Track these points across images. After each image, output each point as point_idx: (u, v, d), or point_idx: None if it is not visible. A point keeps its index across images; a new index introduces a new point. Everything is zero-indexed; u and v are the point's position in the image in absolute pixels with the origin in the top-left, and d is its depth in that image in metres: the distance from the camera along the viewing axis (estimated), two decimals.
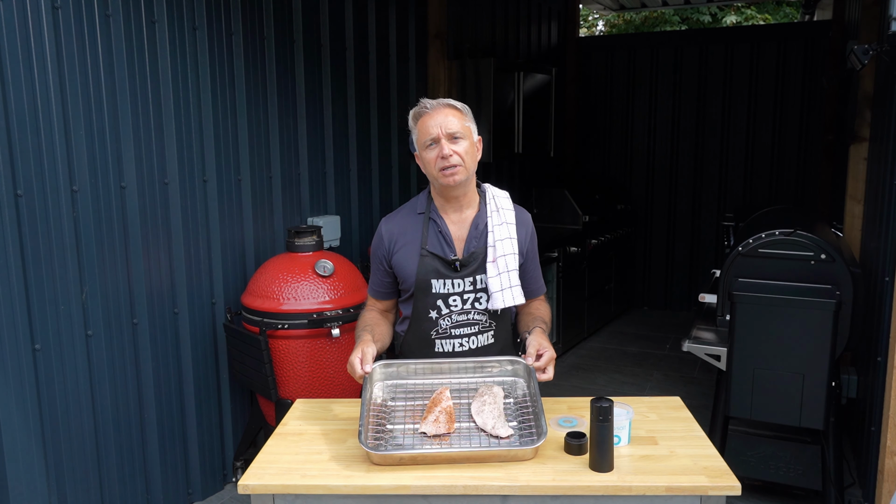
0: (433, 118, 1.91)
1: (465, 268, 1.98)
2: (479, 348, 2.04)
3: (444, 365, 1.94)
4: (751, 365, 2.83)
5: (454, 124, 1.90)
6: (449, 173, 1.91)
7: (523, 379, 1.90)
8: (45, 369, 2.54)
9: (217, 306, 3.21)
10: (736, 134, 6.17)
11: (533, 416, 1.74)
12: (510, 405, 1.81)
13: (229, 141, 3.20)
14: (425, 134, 1.92)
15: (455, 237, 2.00)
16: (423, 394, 1.88)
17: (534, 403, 1.75)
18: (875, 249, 3.14)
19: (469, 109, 1.98)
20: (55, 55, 2.49)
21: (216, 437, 3.26)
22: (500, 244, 1.96)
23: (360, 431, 1.66)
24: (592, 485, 1.54)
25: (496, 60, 4.59)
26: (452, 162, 1.89)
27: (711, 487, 1.53)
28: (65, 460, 2.63)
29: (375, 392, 1.89)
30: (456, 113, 1.93)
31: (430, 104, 1.93)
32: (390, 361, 1.93)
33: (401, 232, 2.03)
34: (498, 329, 2.07)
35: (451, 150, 1.89)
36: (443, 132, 1.89)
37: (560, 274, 5.01)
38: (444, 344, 2.03)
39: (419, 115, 1.94)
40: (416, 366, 1.94)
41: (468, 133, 1.94)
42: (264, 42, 3.35)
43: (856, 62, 2.84)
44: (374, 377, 1.90)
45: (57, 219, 2.54)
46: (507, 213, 2.01)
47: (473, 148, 1.96)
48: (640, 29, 11.69)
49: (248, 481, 1.63)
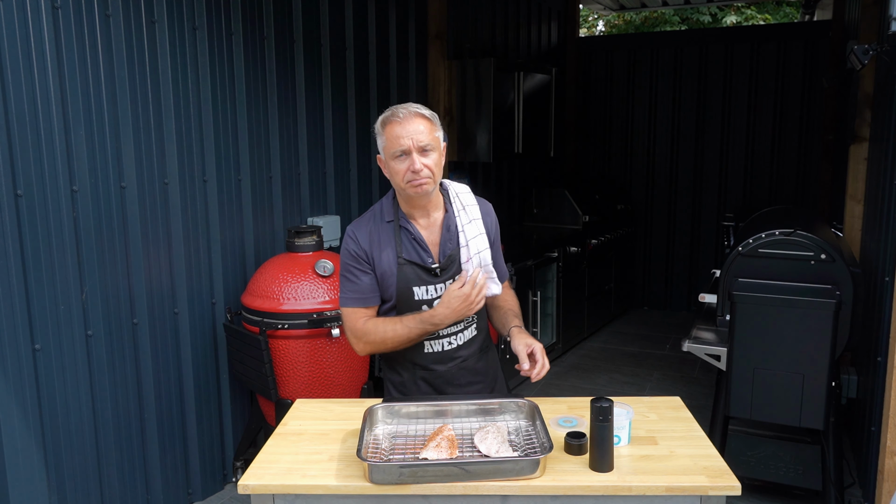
0: (404, 128, 1.86)
1: (445, 272, 1.98)
2: (465, 343, 2.04)
3: (448, 407, 1.84)
4: (751, 365, 2.83)
5: (425, 136, 1.87)
6: (418, 184, 1.89)
7: (527, 419, 1.80)
8: (45, 369, 2.54)
9: (217, 306, 3.21)
10: (736, 134, 6.17)
11: (538, 444, 1.66)
12: (514, 438, 1.74)
13: (229, 141, 3.20)
14: (395, 144, 1.87)
15: (429, 242, 1.99)
16: (425, 437, 1.77)
17: (538, 435, 1.68)
18: (875, 249, 3.14)
19: (437, 116, 1.95)
20: (55, 55, 2.49)
21: (216, 438, 3.26)
22: (473, 242, 1.97)
23: (360, 448, 1.61)
24: (592, 485, 1.54)
25: (496, 60, 4.58)
26: (423, 175, 1.87)
27: (711, 487, 1.53)
28: (64, 460, 2.63)
29: (377, 432, 1.80)
30: (426, 123, 1.89)
31: (402, 113, 1.88)
32: (392, 405, 1.83)
33: (375, 240, 1.99)
34: (479, 320, 2.09)
35: (422, 164, 1.86)
36: (414, 145, 1.86)
37: (560, 274, 5.01)
38: (434, 344, 2.02)
39: (388, 122, 1.89)
40: (417, 408, 1.84)
41: (437, 144, 1.91)
42: (264, 42, 3.35)
43: (855, 62, 2.84)
44: (375, 418, 1.82)
45: (57, 219, 2.53)
46: (472, 209, 2.02)
47: (441, 157, 1.94)
48: (640, 29, 11.68)
49: (248, 481, 1.63)
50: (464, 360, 2.05)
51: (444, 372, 2.03)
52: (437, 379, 2.04)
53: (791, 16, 11.38)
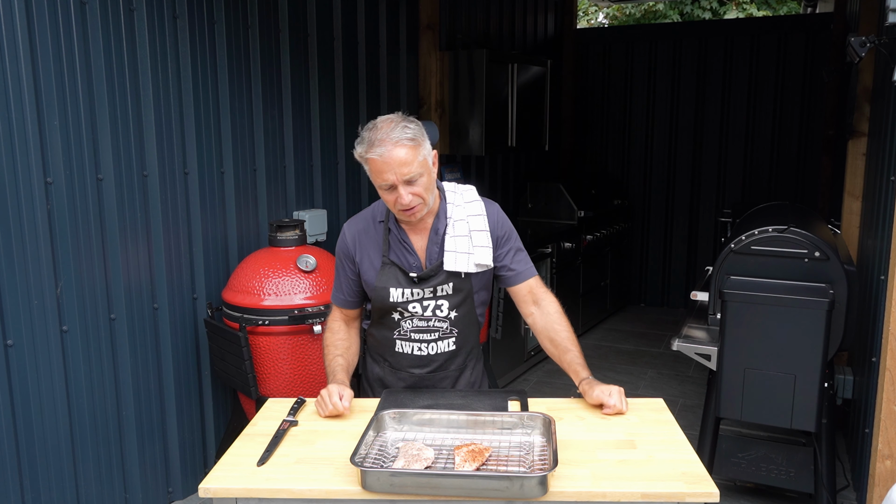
0: (386, 164, 1.74)
1: (426, 281, 1.92)
2: (437, 354, 2.00)
3: (463, 418, 1.72)
4: (741, 365, 2.76)
5: (410, 167, 1.75)
6: (409, 214, 1.83)
7: (542, 435, 1.69)
8: (18, 366, 2.48)
9: (199, 301, 3.15)
10: (735, 128, 6.09)
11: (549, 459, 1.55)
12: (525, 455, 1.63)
13: (212, 132, 3.13)
14: (379, 178, 1.78)
15: (417, 246, 1.94)
16: (431, 446, 1.67)
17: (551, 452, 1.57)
18: (871, 247, 3.07)
19: (419, 126, 1.81)
20: (27, 42, 2.42)
21: (197, 435, 3.20)
22: (461, 241, 1.90)
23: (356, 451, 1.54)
24: (565, 490, 1.48)
25: (490, 52, 4.50)
26: (413, 204, 1.80)
27: (689, 494, 1.46)
28: (38, 458, 2.57)
29: (388, 435, 1.71)
30: (409, 150, 1.75)
31: (379, 151, 1.74)
32: (403, 410, 1.75)
33: (364, 239, 1.97)
34: (460, 336, 2.01)
35: (410, 196, 1.78)
36: (399, 180, 1.76)
37: (554, 270, 4.94)
38: (405, 345, 2.00)
39: (368, 158, 1.77)
40: (431, 415, 1.74)
41: (425, 166, 1.79)
42: (248, 31, 3.28)
43: (853, 55, 2.76)
44: (385, 424, 1.73)
45: (30, 211, 2.47)
46: (472, 206, 1.94)
47: (431, 175, 1.84)
48: (639, 23, 11.57)
49: (209, 484, 1.57)
50: (437, 370, 2.01)
51: (420, 375, 2.02)
52: (410, 378, 2.03)
53: (793, 10, 11.26)
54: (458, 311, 1.97)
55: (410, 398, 1.91)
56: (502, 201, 5.60)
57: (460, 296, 1.96)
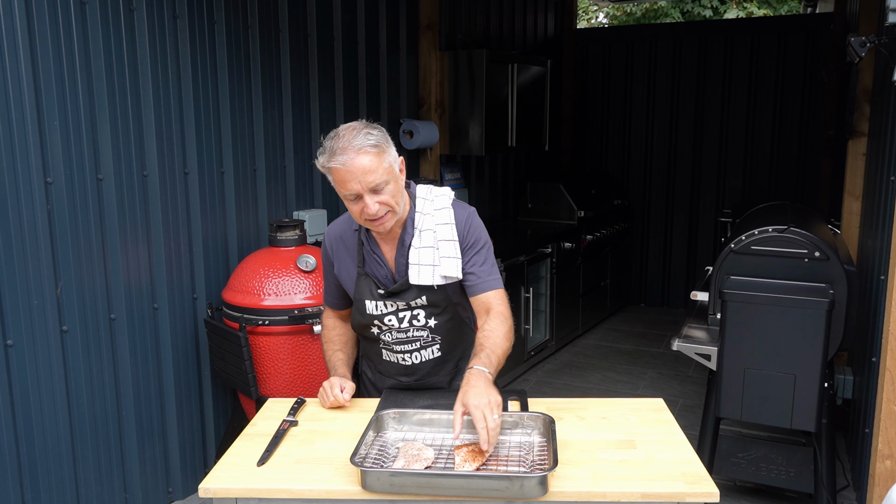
0: (349, 172, 1.67)
1: (395, 296, 1.88)
2: (422, 363, 1.97)
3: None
4: (741, 365, 2.76)
5: (374, 175, 1.68)
6: (378, 224, 1.77)
7: (541, 435, 1.68)
8: (18, 366, 2.48)
9: (199, 301, 3.15)
10: (735, 128, 6.08)
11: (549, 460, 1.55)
12: (523, 454, 1.63)
13: (212, 132, 3.13)
14: (343, 188, 1.71)
15: (387, 258, 1.91)
16: (431, 446, 1.67)
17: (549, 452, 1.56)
18: (871, 247, 3.07)
19: (383, 133, 1.75)
20: (27, 42, 2.42)
21: (197, 435, 3.20)
22: (425, 253, 1.83)
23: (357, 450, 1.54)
24: (565, 490, 1.48)
25: (489, 52, 4.50)
26: (380, 214, 1.74)
27: (689, 494, 1.46)
28: (38, 458, 2.57)
29: (388, 435, 1.72)
30: (372, 157, 1.68)
31: (341, 160, 1.66)
32: (403, 410, 1.75)
33: (340, 247, 1.95)
34: (446, 343, 1.96)
35: (376, 205, 1.71)
36: (364, 189, 1.69)
37: (554, 270, 4.94)
38: (389, 356, 1.99)
39: (329, 167, 1.70)
40: (431, 415, 1.74)
41: (391, 173, 1.73)
42: (248, 31, 3.28)
43: (853, 55, 2.76)
44: (385, 424, 1.73)
45: (30, 211, 2.47)
46: (439, 214, 1.85)
47: (398, 182, 1.77)
48: (640, 22, 11.57)
49: (209, 484, 1.57)
50: (425, 377, 2.00)
51: (409, 384, 2.01)
52: (401, 385, 2.02)
53: (794, 10, 11.26)
54: (439, 318, 1.91)
55: (410, 398, 1.92)
56: (502, 201, 5.63)
57: (438, 307, 1.89)
